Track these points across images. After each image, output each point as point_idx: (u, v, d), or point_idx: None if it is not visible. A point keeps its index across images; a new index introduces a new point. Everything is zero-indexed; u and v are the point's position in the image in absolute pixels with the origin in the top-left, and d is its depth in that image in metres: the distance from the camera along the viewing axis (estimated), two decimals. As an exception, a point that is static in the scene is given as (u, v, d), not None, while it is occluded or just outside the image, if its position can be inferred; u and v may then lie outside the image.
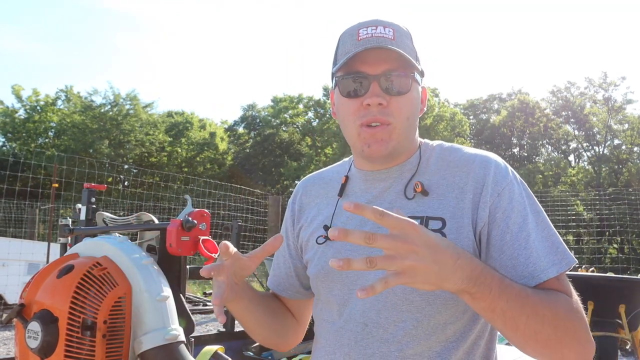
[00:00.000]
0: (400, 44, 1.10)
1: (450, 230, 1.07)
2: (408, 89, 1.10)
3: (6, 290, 7.05)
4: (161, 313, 0.98)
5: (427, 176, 1.14)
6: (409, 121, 1.12)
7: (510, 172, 1.12)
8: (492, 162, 1.11)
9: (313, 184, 1.32)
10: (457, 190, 1.10)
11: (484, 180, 1.09)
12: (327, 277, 1.18)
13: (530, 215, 1.07)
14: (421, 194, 1.11)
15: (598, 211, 16.33)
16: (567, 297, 1.02)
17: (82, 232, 1.37)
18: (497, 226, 1.06)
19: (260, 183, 28.05)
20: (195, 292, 10.69)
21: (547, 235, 1.07)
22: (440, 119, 30.86)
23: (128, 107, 29.12)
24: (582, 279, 4.98)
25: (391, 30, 1.11)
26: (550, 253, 1.05)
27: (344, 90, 1.12)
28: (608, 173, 29.05)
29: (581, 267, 6.28)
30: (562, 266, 1.04)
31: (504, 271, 1.03)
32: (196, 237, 1.12)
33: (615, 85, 31.17)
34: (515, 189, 1.09)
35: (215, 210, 11.28)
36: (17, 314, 0.98)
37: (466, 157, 1.14)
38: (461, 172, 1.11)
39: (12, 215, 13.37)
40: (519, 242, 1.05)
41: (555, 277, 1.03)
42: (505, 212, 1.06)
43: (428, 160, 1.17)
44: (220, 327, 7.02)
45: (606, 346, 4.62)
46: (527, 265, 1.03)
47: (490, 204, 1.07)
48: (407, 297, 1.07)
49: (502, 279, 0.95)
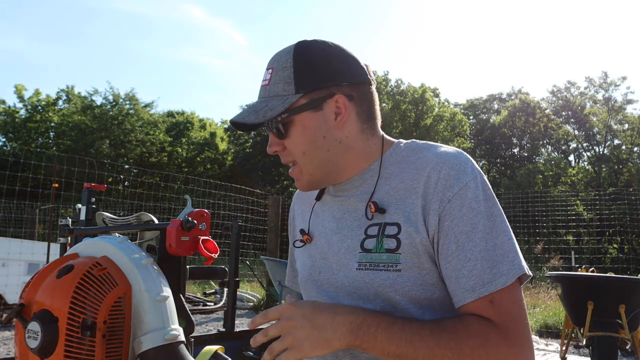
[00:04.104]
0: (273, 87, 1.11)
1: (405, 236, 1.06)
2: (285, 133, 1.11)
3: (6, 290, 7.06)
4: (161, 313, 0.98)
5: (386, 187, 1.12)
6: (307, 154, 1.12)
7: (469, 172, 1.06)
8: (447, 163, 1.07)
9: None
10: (413, 195, 1.08)
11: (435, 185, 1.05)
12: (306, 284, 1.24)
13: (482, 222, 1.03)
14: (378, 212, 1.11)
15: (598, 211, 16.32)
16: (484, 328, 0.98)
17: (81, 232, 1.37)
18: (444, 235, 1.04)
19: (260, 183, 28.04)
20: (195, 292, 10.69)
21: (499, 243, 1.03)
22: (440, 119, 30.86)
23: (128, 106, 29.12)
24: (582, 279, 4.98)
25: (270, 71, 1.12)
26: (499, 263, 1.01)
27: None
28: (608, 173, 29.05)
29: (581, 267, 6.27)
30: (509, 278, 1.00)
31: (448, 282, 1.04)
32: (196, 237, 1.11)
33: (616, 85, 31.20)
34: (469, 194, 1.04)
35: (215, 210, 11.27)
36: (17, 314, 0.98)
37: (425, 159, 1.10)
38: (418, 175, 1.09)
39: (12, 215, 13.37)
40: (464, 253, 1.02)
41: (497, 291, 1.00)
42: (453, 220, 1.03)
43: (391, 165, 1.14)
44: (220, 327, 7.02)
45: (606, 346, 4.62)
46: (469, 277, 1.01)
47: (439, 211, 1.04)
48: (372, 303, 1.09)
49: (391, 324, 0.99)
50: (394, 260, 1.06)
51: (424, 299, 1.06)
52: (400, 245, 1.06)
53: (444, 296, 1.07)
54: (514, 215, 14.48)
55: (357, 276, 1.10)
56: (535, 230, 14.56)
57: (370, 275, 1.08)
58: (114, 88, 31.92)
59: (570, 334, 5.30)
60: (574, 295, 4.90)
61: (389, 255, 1.07)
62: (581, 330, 4.76)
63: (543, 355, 5.92)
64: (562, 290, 5.10)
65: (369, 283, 1.08)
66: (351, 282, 1.11)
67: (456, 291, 1.03)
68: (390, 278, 1.06)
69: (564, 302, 5.16)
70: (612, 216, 15.31)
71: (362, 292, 1.10)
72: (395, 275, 1.05)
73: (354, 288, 1.11)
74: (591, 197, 17.49)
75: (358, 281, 1.10)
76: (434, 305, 1.07)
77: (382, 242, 1.08)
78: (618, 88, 31.83)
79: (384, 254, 1.07)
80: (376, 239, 1.09)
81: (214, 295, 10.29)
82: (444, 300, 1.07)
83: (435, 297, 1.07)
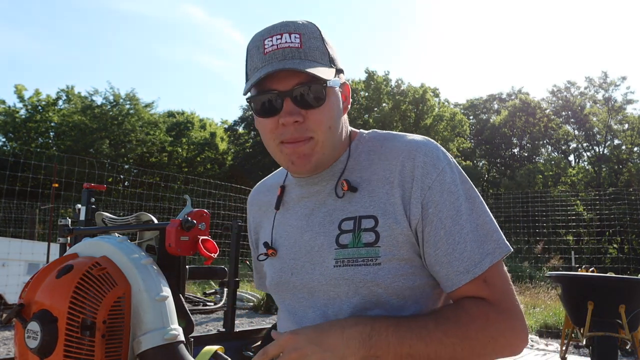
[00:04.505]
0: (309, 51, 1.04)
1: (384, 228, 1.04)
2: (324, 100, 1.04)
3: (6, 290, 7.07)
4: (160, 313, 0.98)
5: (358, 172, 1.11)
6: (332, 130, 1.07)
7: (442, 158, 1.07)
8: (420, 151, 1.06)
9: (258, 193, 1.33)
10: (388, 186, 1.06)
11: (413, 174, 1.05)
12: (277, 288, 1.20)
13: (464, 204, 1.04)
14: (350, 191, 1.08)
15: (598, 211, 16.33)
16: (482, 309, 1.01)
17: (81, 232, 1.37)
18: (430, 222, 1.04)
19: (261, 183, 27.97)
20: (195, 292, 10.69)
21: (481, 223, 1.05)
22: (440, 119, 30.86)
23: (128, 106, 29.13)
24: (582, 279, 4.98)
25: (298, 36, 1.04)
26: (485, 243, 1.03)
27: (257, 109, 1.07)
28: (608, 173, 29.05)
29: (581, 267, 6.27)
30: (495, 256, 1.03)
31: (439, 267, 1.04)
32: (195, 237, 1.11)
33: (616, 85, 31.19)
34: (447, 178, 1.05)
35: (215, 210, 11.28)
36: (17, 314, 0.98)
37: (395, 148, 1.09)
38: (390, 165, 1.07)
39: (12, 215, 13.37)
40: (452, 236, 1.03)
41: (487, 270, 1.02)
42: (437, 206, 1.03)
43: (359, 155, 1.13)
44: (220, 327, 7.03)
45: (606, 346, 4.62)
46: (462, 260, 1.02)
47: (421, 199, 1.04)
48: (351, 301, 1.06)
49: (397, 325, 0.97)
50: (373, 254, 1.04)
51: (406, 289, 1.05)
52: (379, 238, 1.04)
53: (424, 283, 1.07)
54: (514, 215, 14.49)
55: (335, 273, 1.07)
56: (535, 230, 14.56)
57: (350, 272, 1.05)
58: (114, 88, 31.96)
59: (570, 334, 5.30)
60: (574, 295, 4.90)
61: (368, 249, 1.04)
62: (581, 330, 4.76)
63: (543, 355, 5.92)
64: (562, 290, 5.10)
65: (348, 279, 1.05)
66: (328, 280, 1.08)
67: (449, 275, 1.03)
68: (371, 272, 1.04)
69: (564, 302, 5.16)
70: (612, 216, 15.32)
71: (341, 290, 1.06)
72: (376, 269, 1.03)
73: (331, 286, 1.08)
74: (591, 197, 17.50)
75: (336, 279, 1.06)
76: (415, 294, 1.06)
77: (360, 237, 1.05)
78: (618, 88, 31.86)
79: (362, 249, 1.05)
80: (352, 233, 1.06)
81: (213, 295, 10.29)
82: (424, 288, 1.07)
83: (416, 286, 1.06)
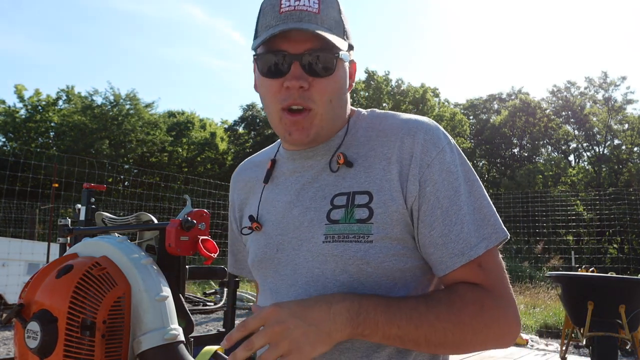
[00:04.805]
0: (325, 18, 1.02)
1: (378, 205, 1.01)
2: (333, 70, 1.02)
3: (6, 290, 7.07)
4: (160, 313, 0.98)
5: (355, 149, 1.08)
6: (332, 104, 1.05)
7: (443, 138, 1.05)
8: (421, 129, 1.04)
9: (245, 169, 1.29)
10: (385, 162, 1.03)
11: (412, 151, 1.02)
12: (260, 264, 1.14)
13: (463, 186, 1.02)
14: (345, 165, 1.06)
15: (598, 211, 16.34)
16: (477, 294, 0.98)
17: (81, 232, 1.37)
18: (427, 200, 1.00)
19: (261, 183, 27.96)
20: (195, 292, 10.70)
21: (479, 206, 1.02)
22: (440, 119, 30.87)
23: (128, 107, 29.14)
24: (582, 279, 4.98)
25: (317, 1, 1.02)
26: (481, 227, 1.01)
27: (263, 69, 1.04)
28: (608, 173, 29.05)
29: (581, 267, 6.27)
30: (491, 241, 1.00)
31: (433, 248, 1.01)
32: (195, 236, 1.11)
33: (616, 85, 31.18)
34: (447, 158, 1.02)
35: (215, 210, 11.28)
36: (17, 314, 0.98)
37: (395, 125, 1.07)
38: (389, 141, 1.05)
39: (12, 215, 13.38)
40: (449, 217, 1.00)
41: (483, 254, 0.99)
42: (435, 184, 1.01)
43: (357, 131, 1.11)
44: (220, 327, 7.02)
45: (606, 346, 4.63)
46: (457, 242, 0.99)
47: (419, 176, 1.01)
48: (337, 279, 1.02)
49: (387, 305, 0.94)
50: (366, 231, 1.00)
51: (396, 270, 1.01)
52: (372, 215, 1.01)
53: (415, 266, 1.04)
54: (514, 215, 14.49)
55: (324, 249, 1.03)
56: (535, 230, 14.57)
57: (340, 248, 1.01)
58: (114, 88, 31.92)
59: (570, 334, 5.30)
60: (574, 295, 4.90)
61: (360, 225, 1.00)
62: (581, 330, 4.76)
63: (543, 355, 5.92)
64: (562, 290, 5.10)
65: (337, 256, 1.01)
66: (315, 256, 1.04)
67: (443, 257, 1.00)
68: (362, 250, 1.00)
69: (564, 302, 5.16)
70: (612, 216, 15.34)
71: (327, 267, 1.02)
72: (367, 247, 1.00)
73: (318, 263, 1.03)
74: (591, 197, 17.51)
75: (324, 255, 1.03)
76: (405, 276, 1.03)
77: (353, 212, 1.02)
78: (618, 88, 31.83)
79: (354, 225, 1.01)
80: (345, 209, 1.03)
81: (213, 295, 10.30)
82: (415, 271, 1.04)
83: (406, 268, 1.02)
